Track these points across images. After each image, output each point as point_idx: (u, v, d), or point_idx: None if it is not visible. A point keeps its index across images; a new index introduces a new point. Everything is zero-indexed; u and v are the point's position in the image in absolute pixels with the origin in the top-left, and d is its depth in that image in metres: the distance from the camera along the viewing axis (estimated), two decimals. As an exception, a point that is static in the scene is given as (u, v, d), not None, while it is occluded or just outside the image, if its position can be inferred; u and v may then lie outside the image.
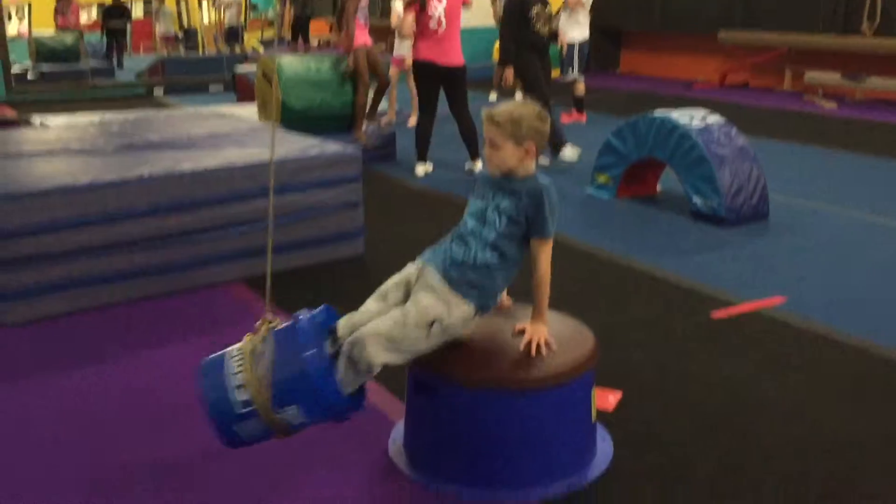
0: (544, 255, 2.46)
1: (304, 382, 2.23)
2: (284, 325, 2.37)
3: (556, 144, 6.95)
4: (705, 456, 2.60)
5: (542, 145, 2.49)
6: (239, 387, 2.26)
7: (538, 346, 2.40)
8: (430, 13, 6.20)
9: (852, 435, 2.72)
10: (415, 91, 8.99)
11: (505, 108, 2.48)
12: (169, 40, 17.77)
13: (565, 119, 9.19)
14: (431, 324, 2.34)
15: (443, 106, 6.50)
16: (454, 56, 6.34)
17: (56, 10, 16.09)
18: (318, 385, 2.23)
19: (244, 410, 2.26)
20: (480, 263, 2.41)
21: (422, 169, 6.67)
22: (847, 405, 2.92)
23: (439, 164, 6.81)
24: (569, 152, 6.97)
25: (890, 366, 3.24)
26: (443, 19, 6.20)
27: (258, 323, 2.39)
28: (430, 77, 6.40)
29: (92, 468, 2.56)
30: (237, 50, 16.62)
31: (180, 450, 2.66)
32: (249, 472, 2.52)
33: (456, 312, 2.37)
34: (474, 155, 6.63)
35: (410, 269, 2.53)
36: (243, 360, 2.30)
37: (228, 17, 16.98)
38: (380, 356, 2.30)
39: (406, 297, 2.46)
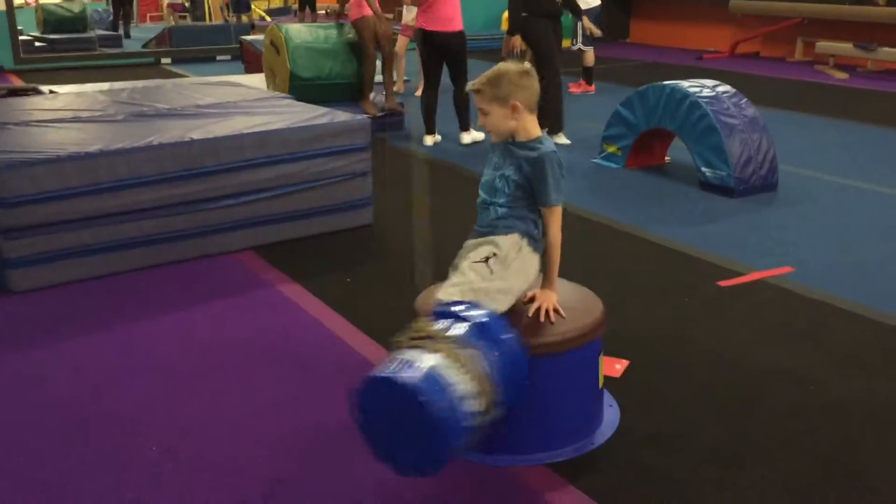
0: (552, 222, 2.47)
1: (518, 369, 2.17)
2: (450, 326, 2.15)
3: (552, 127, 6.65)
4: (711, 422, 2.63)
5: (530, 100, 2.44)
6: (462, 398, 2.00)
7: (546, 312, 2.42)
8: None
9: (857, 401, 2.74)
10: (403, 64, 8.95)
11: (484, 74, 2.48)
12: (176, 8, 17.67)
13: (574, 89, 9.12)
14: (486, 260, 2.38)
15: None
16: (446, 22, 6.19)
17: None
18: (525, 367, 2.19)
19: (469, 423, 2.02)
20: (504, 215, 2.45)
21: (430, 139, 6.64)
22: (853, 372, 2.94)
23: (448, 135, 6.79)
24: (562, 139, 6.63)
25: (894, 332, 3.25)
26: None
27: (415, 332, 2.17)
28: (426, 45, 6.31)
29: (105, 435, 2.60)
30: (244, 19, 16.52)
31: (194, 414, 2.70)
32: (260, 437, 2.56)
33: (503, 243, 2.41)
34: (463, 127, 6.59)
35: (477, 245, 2.50)
36: (456, 369, 2.03)
37: None
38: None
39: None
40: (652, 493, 2.27)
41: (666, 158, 5.93)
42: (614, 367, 2.95)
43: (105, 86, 7.43)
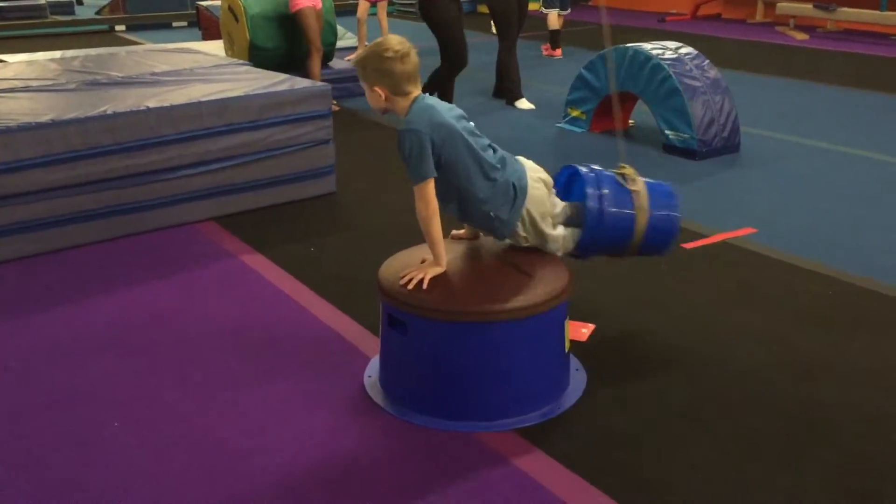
0: (417, 202, 2.42)
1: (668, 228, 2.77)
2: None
3: (511, 93, 6.62)
4: (678, 383, 2.65)
5: (395, 86, 2.42)
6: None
7: (411, 280, 2.40)
8: None
9: (821, 360, 2.78)
10: (386, 27, 8.83)
11: (362, 50, 2.48)
12: None
13: (546, 52, 9.07)
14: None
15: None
16: None
17: None
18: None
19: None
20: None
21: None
22: (814, 330, 2.98)
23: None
24: (525, 104, 6.58)
25: (858, 292, 3.29)
26: None
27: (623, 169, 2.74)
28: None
29: (68, 410, 2.55)
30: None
31: (160, 389, 2.66)
32: (226, 410, 2.53)
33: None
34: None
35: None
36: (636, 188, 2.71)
37: None
38: None
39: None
40: (619, 455, 2.28)
41: (630, 122, 5.93)
42: (580, 331, 2.95)
43: (57, 54, 7.22)
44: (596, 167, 2.78)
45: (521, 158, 2.65)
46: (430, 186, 2.40)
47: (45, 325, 3.11)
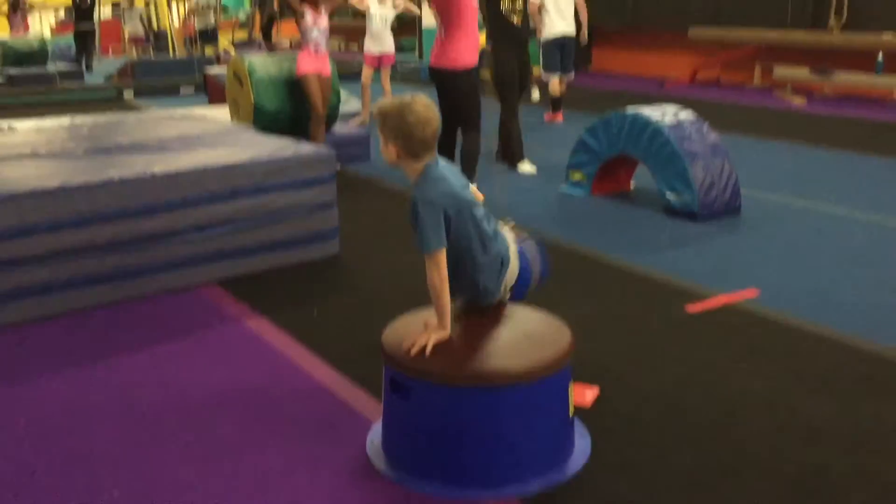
0: (429, 270, 2.41)
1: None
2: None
3: (513, 157, 6.66)
4: (683, 448, 2.62)
5: (409, 149, 2.40)
6: None
7: (413, 345, 2.39)
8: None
9: (828, 425, 2.75)
10: (389, 92, 8.97)
11: (388, 100, 2.46)
12: (138, 41, 17.61)
13: (548, 118, 9.19)
14: None
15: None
16: (437, 56, 5.40)
17: (7, 19, 16.14)
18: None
19: None
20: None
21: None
22: (820, 395, 2.95)
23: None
24: (527, 167, 6.64)
25: (862, 356, 3.27)
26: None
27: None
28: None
29: (66, 476, 2.52)
30: (211, 51, 16.51)
31: (158, 455, 2.63)
32: (227, 476, 2.50)
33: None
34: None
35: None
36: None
37: (204, 18, 16.85)
38: None
39: None
40: (625, 523, 2.25)
41: (631, 185, 5.98)
42: (585, 395, 2.93)
43: (66, 120, 7.34)
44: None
45: (504, 228, 2.68)
46: (443, 255, 2.41)
47: (46, 389, 3.10)
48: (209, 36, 17.00)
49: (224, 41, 18.55)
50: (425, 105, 2.43)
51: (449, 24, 5.25)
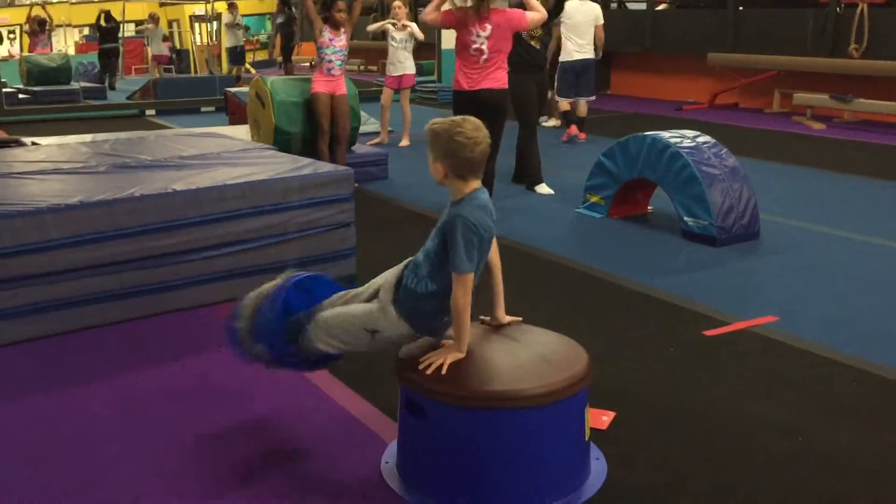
0: (457, 289, 2.39)
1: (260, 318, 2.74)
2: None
3: (531, 179, 6.70)
4: (699, 474, 2.59)
5: (456, 169, 2.42)
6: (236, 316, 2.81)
7: (430, 365, 2.39)
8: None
9: (845, 452, 2.72)
10: (408, 113, 9.02)
11: (440, 119, 2.48)
12: (161, 60, 17.80)
13: (564, 137, 9.20)
14: (374, 332, 2.54)
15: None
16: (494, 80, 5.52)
17: (29, 38, 16.43)
18: (261, 321, 2.73)
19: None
20: (422, 293, 2.48)
21: None
22: (840, 422, 2.92)
23: (433, 186, 6.79)
24: (545, 189, 6.64)
25: (881, 382, 3.24)
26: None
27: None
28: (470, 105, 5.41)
29: (75, 495, 2.53)
30: (234, 71, 16.66)
31: (171, 473, 2.64)
32: (241, 497, 2.50)
33: (395, 329, 2.52)
34: None
35: (387, 276, 2.63)
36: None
37: (234, 37, 17.04)
38: (319, 343, 2.62)
39: (373, 296, 2.65)
40: (641, 549, 2.22)
41: (649, 208, 5.97)
42: (601, 418, 2.91)
43: (88, 137, 7.42)
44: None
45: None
46: (472, 279, 2.41)
47: (62, 405, 3.11)
48: (238, 54, 17.17)
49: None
50: (476, 126, 2.43)
51: (504, 50, 5.49)
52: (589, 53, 8.97)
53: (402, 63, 8.97)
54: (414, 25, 8.96)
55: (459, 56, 5.46)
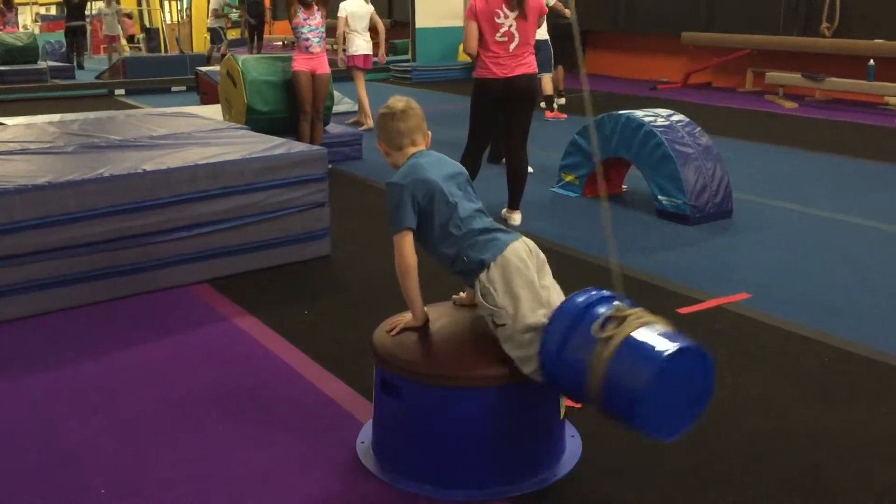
0: (395, 251, 2.47)
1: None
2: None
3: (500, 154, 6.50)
4: (673, 450, 2.61)
5: (390, 141, 2.55)
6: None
7: (394, 328, 2.49)
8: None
9: (817, 426, 2.75)
10: (363, 94, 8.80)
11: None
12: (113, 39, 17.27)
13: (549, 115, 9.25)
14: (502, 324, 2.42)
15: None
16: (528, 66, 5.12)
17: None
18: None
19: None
20: (447, 261, 2.52)
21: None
22: (811, 397, 2.95)
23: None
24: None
25: (852, 358, 3.28)
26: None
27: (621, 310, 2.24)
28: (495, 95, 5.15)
29: (54, 475, 2.50)
30: (218, 51, 16.38)
31: (147, 454, 2.61)
32: (216, 476, 2.48)
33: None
34: (512, 204, 5.32)
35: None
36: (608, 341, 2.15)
37: (211, 18, 16.72)
38: None
39: None
40: (616, 525, 2.24)
41: (623, 187, 5.98)
42: (576, 396, 2.91)
43: (56, 117, 7.30)
44: (599, 295, 2.39)
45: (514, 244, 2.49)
46: (407, 239, 2.44)
47: (33, 387, 3.07)
48: (219, 35, 16.89)
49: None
50: (398, 99, 2.58)
51: (534, 34, 5.18)
52: (542, 35, 8.97)
53: (355, 44, 8.80)
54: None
55: (483, 46, 5.22)
